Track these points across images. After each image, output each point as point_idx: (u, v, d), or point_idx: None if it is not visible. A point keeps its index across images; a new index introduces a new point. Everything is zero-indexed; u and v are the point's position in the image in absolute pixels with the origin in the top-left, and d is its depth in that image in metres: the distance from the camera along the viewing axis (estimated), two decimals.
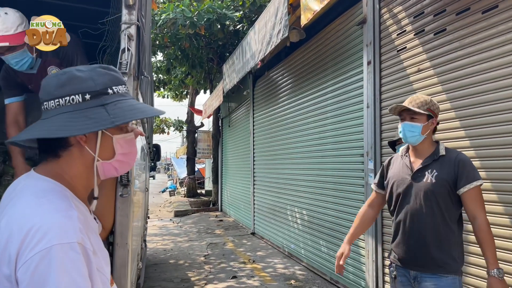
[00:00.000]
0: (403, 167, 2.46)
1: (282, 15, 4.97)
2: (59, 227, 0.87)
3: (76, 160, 1.03)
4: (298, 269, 6.22)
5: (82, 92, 0.99)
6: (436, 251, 2.26)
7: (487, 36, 3.14)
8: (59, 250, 0.84)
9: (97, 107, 1.00)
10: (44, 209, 0.90)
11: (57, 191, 0.98)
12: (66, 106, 0.98)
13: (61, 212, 0.91)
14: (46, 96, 1.00)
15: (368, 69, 4.54)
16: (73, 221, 0.90)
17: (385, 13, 4.36)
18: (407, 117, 2.38)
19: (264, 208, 8.50)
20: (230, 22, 10.11)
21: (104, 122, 0.98)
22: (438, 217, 2.27)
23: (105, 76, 1.04)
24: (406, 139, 2.39)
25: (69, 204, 0.95)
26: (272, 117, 7.96)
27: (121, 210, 1.40)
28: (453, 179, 2.25)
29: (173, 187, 25.53)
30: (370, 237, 4.48)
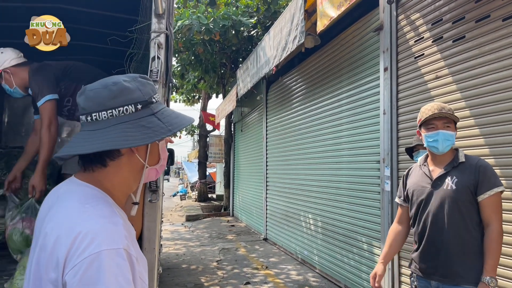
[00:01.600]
0: (422, 176, 2.43)
1: (298, 21, 4.98)
2: (106, 233, 0.89)
3: (123, 168, 1.05)
4: (312, 276, 6.19)
5: (134, 103, 1.02)
6: (459, 261, 2.21)
7: (507, 43, 3.11)
8: (107, 256, 0.85)
9: (149, 116, 1.03)
10: (90, 214, 0.92)
11: (100, 197, 1.00)
12: (120, 116, 1.00)
13: (107, 218, 0.93)
14: (97, 107, 1.00)
15: (385, 75, 4.53)
16: (118, 228, 0.92)
17: (402, 19, 4.35)
18: (440, 125, 2.30)
19: (277, 214, 8.49)
20: (244, 28, 10.16)
21: (162, 130, 1.02)
22: (460, 225, 2.22)
23: (147, 86, 1.07)
24: (443, 148, 2.31)
25: (112, 210, 0.98)
26: (286, 122, 7.97)
27: (149, 215, 1.41)
28: (474, 185, 2.20)
29: (184, 191, 25.59)
30: None
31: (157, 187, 1.43)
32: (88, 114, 1.01)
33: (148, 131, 1.01)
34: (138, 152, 1.06)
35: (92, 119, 1.01)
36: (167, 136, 1.03)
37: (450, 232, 2.23)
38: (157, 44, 1.45)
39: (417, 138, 3.30)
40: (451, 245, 2.22)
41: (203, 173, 18.35)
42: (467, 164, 2.27)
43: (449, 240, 2.23)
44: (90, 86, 1.03)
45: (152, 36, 1.51)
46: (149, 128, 1.01)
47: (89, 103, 1.01)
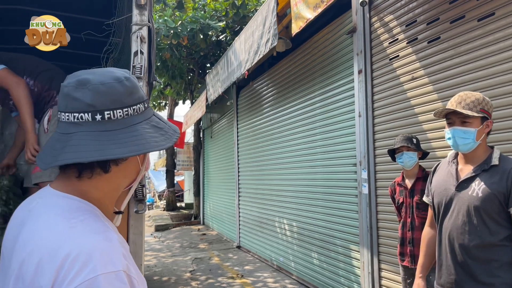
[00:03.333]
0: (448, 176, 2.12)
1: (271, 23, 4.91)
2: (102, 253, 0.74)
3: (120, 173, 0.91)
4: (289, 282, 6.09)
5: (143, 101, 0.92)
6: (484, 275, 1.93)
7: (483, 43, 3.14)
8: (105, 281, 0.71)
9: (153, 117, 0.94)
10: (78, 231, 0.76)
11: (88, 210, 0.84)
12: (134, 116, 0.89)
13: (100, 235, 0.77)
14: (112, 103, 0.86)
15: (359, 78, 4.51)
16: (115, 245, 0.77)
17: (376, 21, 4.35)
18: (456, 120, 2.01)
19: (250, 221, 8.36)
20: (213, 33, 10.03)
21: (171, 132, 0.94)
22: (483, 236, 1.93)
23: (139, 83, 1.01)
24: (458, 147, 2.03)
25: (104, 224, 0.82)
26: (258, 127, 7.87)
27: (135, 228, 1.26)
28: (504, 194, 1.89)
29: (151, 200, 25.03)
30: (365, 249, 4.41)
31: (143, 196, 1.28)
32: (97, 112, 0.84)
33: (162, 132, 0.92)
34: (140, 156, 0.95)
35: (104, 117, 0.85)
36: (177, 138, 0.94)
37: (471, 244, 1.95)
38: (140, 38, 1.31)
39: (399, 138, 3.27)
40: (473, 259, 1.96)
41: (171, 181, 17.98)
42: (501, 168, 1.95)
43: (470, 253, 1.96)
44: (93, 78, 0.86)
45: (133, 29, 1.36)
46: (161, 129, 0.92)
47: (102, 99, 0.85)
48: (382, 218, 4.25)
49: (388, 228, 4.14)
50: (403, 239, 3.27)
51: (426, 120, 3.66)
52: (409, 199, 3.24)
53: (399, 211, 3.39)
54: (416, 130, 3.74)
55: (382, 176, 4.26)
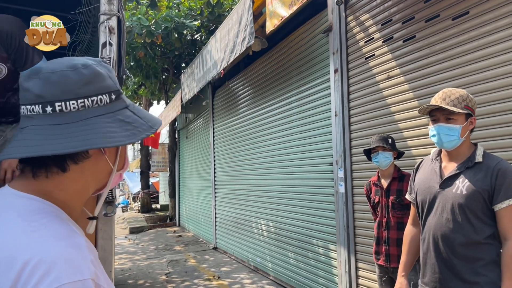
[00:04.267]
0: (432, 173, 2.10)
1: (247, 22, 4.85)
2: (67, 260, 0.66)
3: (86, 173, 0.82)
4: (266, 283, 6.04)
5: (108, 92, 0.82)
6: (470, 274, 1.91)
7: (458, 42, 3.16)
8: None
9: (124, 109, 0.84)
10: (40, 236, 0.68)
11: (51, 212, 0.75)
12: (94, 108, 0.79)
13: (65, 240, 0.69)
14: (64, 94, 0.76)
15: (336, 77, 4.51)
16: (82, 251, 0.70)
17: (352, 21, 4.35)
18: (441, 117, 1.99)
19: (227, 222, 8.27)
20: (187, 31, 9.89)
21: (144, 127, 0.84)
22: (468, 234, 1.91)
23: (113, 72, 0.86)
24: (442, 144, 2.01)
25: (70, 228, 0.74)
26: (234, 127, 7.80)
27: (104, 232, 1.17)
28: (488, 192, 1.88)
29: (125, 202, 24.56)
30: (342, 248, 4.40)
31: (113, 197, 1.19)
32: (47, 103, 0.76)
33: (129, 127, 0.81)
34: (108, 154, 0.85)
35: (55, 110, 0.76)
36: (150, 134, 0.84)
37: (456, 242, 1.94)
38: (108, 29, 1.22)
39: (375, 138, 3.27)
40: (459, 257, 1.94)
41: (146, 183, 17.70)
42: (484, 165, 1.93)
43: (455, 251, 1.94)
44: (46, 66, 0.78)
45: (101, 19, 1.27)
46: (129, 123, 0.82)
47: (52, 89, 0.76)
48: (359, 217, 4.25)
49: (364, 227, 4.15)
50: (378, 238, 3.27)
51: (402, 119, 3.67)
52: (385, 198, 3.24)
53: (375, 210, 3.39)
54: (392, 129, 3.75)
55: (359, 175, 4.26)
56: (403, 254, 2.35)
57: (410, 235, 2.34)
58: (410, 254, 2.32)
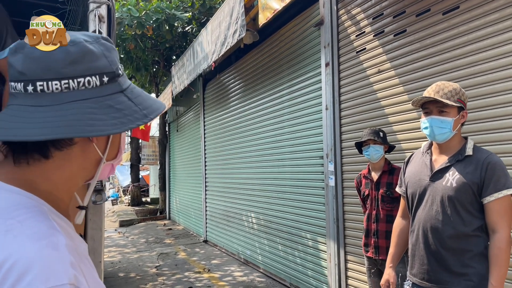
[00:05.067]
0: (422, 166, 2.12)
1: (238, 14, 4.83)
2: (43, 263, 0.59)
3: (72, 161, 0.75)
4: (257, 276, 6.07)
5: (100, 73, 0.73)
6: (459, 266, 1.93)
7: (448, 36, 3.18)
8: None
9: (117, 94, 0.75)
10: (15, 235, 0.62)
11: (31, 207, 0.68)
12: (79, 90, 0.70)
13: (42, 240, 0.62)
14: (46, 72, 0.68)
15: (327, 70, 4.51)
16: (61, 253, 0.63)
17: (343, 14, 4.35)
18: (434, 110, 2.00)
19: (217, 215, 8.28)
20: (178, 23, 9.82)
21: (137, 115, 0.74)
22: (457, 227, 1.94)
23: (113, 52, 0.77)
24: (434, 136, 2.02)
25: (50, 225, 0.67)
26: (225, 120, 7.79)
27: (93, 222, 1.16)
28: (477, 184, 1.90)
29: (115, 195, 24.46)
30: (331, 241, 4.43)
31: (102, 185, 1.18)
32: (29, 82, 0.68)
33: (119, 114, 0.72)
34: (97, 142, 0.78)
35: (36, 89, 0.68)
36: (143, 123, 0.75)
37: (445, 235, 1.96)
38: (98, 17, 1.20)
39: (367, 132, 3.28)
40: (448, 250, 1.96)
41: (136, 176, 17.63)
42: (474, 158, 1.95)
43: (444, 243, 1.97)
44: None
45: (90, 7, 1.25)
46: (120, 110, 0.73)
47: (33, 65, 0.69)
48: (349, 210, 4.28)
49: (354, 220, 4.18)
50: (368, 230, 3.30)
51: (392, 113, 3.70)
52: (375, 191, 3.27)
53: (364, 203, 3.42)
54: (382, 123, 3.77)
55: (349, 168, 4.28)
56: (392, 246, 2.38)
57: (399, 227, 2.36)
58: (399, 246, 2.35)
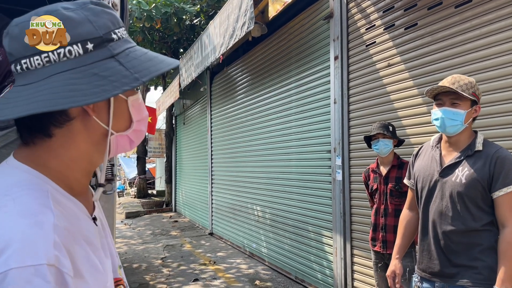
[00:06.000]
0: (432, 161, 2.10)
1: (247, 6, 4.80)
2: (22, 242, 0.58)
3: (76, 137, 0.73)
4: (262, 268, 6.08)
5: (82, 41, 0.68)
6: (468, 259, 1.93)
7: (460, 30, 3.14)
8: (18, 277, 0.55)
9: (106, 60, 0.70)
10: (6, 212, 0.61)
11: (32, 184, 0.68)
12: (62, 62, 0.67)
13: (28, 218, 0.61)
14: (28, 49, 0.67)
15: (335, 64, 4.48)
16: (44, 231, 0.61)
17: (353, 7, 4.32)
18: (447, 101, 1.98)
19: (223, 207, 8.30)
20: (187, 16, 9.80)
21: (125, 80, 0.68)
22: (467, 222, 1.93)
23: (104, 15, 0.72)
24: (445, 128, 1.99)
25: (44, 203, 0.65)
26: (232, 113, 7.78)
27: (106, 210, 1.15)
28: (487, 180, 1.89)
29: (121, 187, 24.59)
30: (338, 234, 4.43)
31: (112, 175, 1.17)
32: (16, 61, 0.68)
33: (103, 82, 0.67)
34: (97, 114, 0.73)
35: (23, 68, 0.67)
36: (130, 87, 0.68)
37: (455, 230, 1.96)
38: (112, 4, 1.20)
39: (376, 125, 3.26)
40: (456, 244, 1.96)
41: (142, 168, 17.71)
42: (484, 153, 1.94)
43: (454, 238, 1.96)
44: (16, 19, 0.69)
45: None
46: (105, 78, 0.67)
47: (15, 44, 0.68)
48: (356, 204, 4.27)
49: (361, 214, 4.17)
50: (375, 225, 3.28)
51: (402, 107, 3.67)
52: (383, 186, 3.25)
53: (372, 197, 3.40)
54: (391, 117, 3.74)
55: (356, 163, 4.27)
56: (398, 237, 2.37)
57: (406, 219, 2.36)
58: (405, 238, 2.34)
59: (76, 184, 0.76)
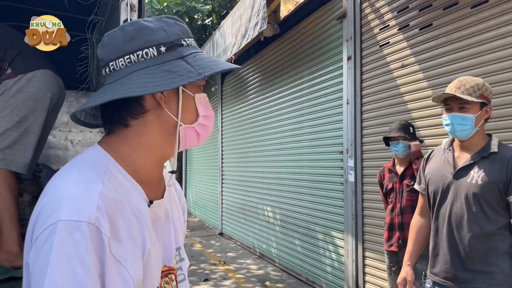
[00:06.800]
0: (445, 163, 2.08)
1: (260, 6, 4.80)
2: (72, 201, 0.71)
3: (149, 127, 0.85)
4: (272, 269, 6.07)
5: (156, 44, 0.82)
6: (482, 264, 1.91)
7: (476, 31, 3.10)
8: (64, 229, 0.68)
9: (176, 60, 0.83)
10: (68, 178, 0.76)
11: (97, 161, 0.81)
12: (140, 62, 0.81)
13: (82, 184, 0.74)
14: (113, 53, 0.82)
15: (348, 64, 4.45)
16: (91, 195, 0.73)
17: (366, 7, 4.28)
18: (455, 106, 1.96)
19: (234, 208, 8.30)
20: (198, 16, 9.82)
21: (190, 74, 0.81)
22: (482, 224, 1.91)
23: (175, 26, 0.86)
24: (455, 133, 1.98)
25: (99, 175, 0.78)
26: (243, 114, 7.77)
27: None
28: (503, 182, 1.87)
29: None
30: (350, 236, 4.40)
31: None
32: (106, 65, 0.84)
33: (172, 75, 0.80)
34: (168, 106, 0.85)
35: (110, 69, 0.83)
36: (195, 80, 0.81)
37: (470, 233, 1.93)
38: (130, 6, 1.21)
39: (396, 126, 3.22)
40: (472, 247, 1.93)
41: None
42: (500, 155, 1.92)
43: (469, 241, 1.93)
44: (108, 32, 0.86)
45: None
46: (173, 72, 0.80)
47: (105, 50, 0.84)
48: (368, 206, 4.24)
49: (373, 216, 4.13)
50: (391, 224, 3.24)
51: (416, 108, 3.63)
52: (399, 184, 3.21)
53: (386, 197, 3.36)
54: (405, 118, 3.70)
55: (369, 164, 4.23)
56: (410, 244, 2.34)
57: (417, 224, 2.32)
58: (417, 244, 2.31)
59: (143, 169, 0.87)
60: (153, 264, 0.85)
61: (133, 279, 0.76)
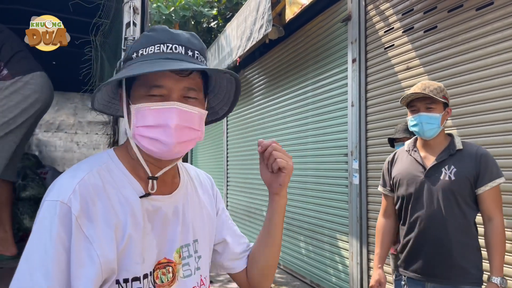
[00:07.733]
0: (413, 164, 2.17)
1: (265, 9, 4.82)
2: (58, 186, 0.86)
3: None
4: (276, 272, 6.05)
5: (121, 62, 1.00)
6: (461, 259, 2.00)
7: (481, 33, 3.09)
8: (46, 207, 0.83)
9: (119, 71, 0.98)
10: (70, 170, 0.91)
11: (98, 157, 0.94)
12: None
13: (71, 173, 0.89)
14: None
15: (353, 67, 4.45)
16: (72, 181, 0.86)
17: (371, 10, 4.28)
18: (421, 107, 2.09)
19: (238, 210, 8.31)
20: (204, 20, 9.87)
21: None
22: (459, 220, 2.01)
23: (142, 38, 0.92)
24: (424, 133, 2.10)
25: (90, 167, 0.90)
26: (248, 116, 7.78)
27: None
28: (474, 177, 2.00)
29: None
30: (354, 239, 4.39)
31: None
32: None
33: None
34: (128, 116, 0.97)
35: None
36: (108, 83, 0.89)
37: (449, 229, 2.01)
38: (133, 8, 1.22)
39: (401, 127, 3.22)
40: (451, 243, 2.01)
41: None
42: (466, 152, 2.06)
43: (448, 237, 2.01)
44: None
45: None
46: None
47: None
48: (372, 208, 4.22)
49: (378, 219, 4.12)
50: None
51: None
52: None
53: None
54: None
55: (374, 166, 4.22)
56: (378, 247, 2.42)
57: (383, 227, 2.41)
58: (384, 246, 2.40)
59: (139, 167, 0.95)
60: (135, 249, 0.89)
61: (99, 257, 0.82)
